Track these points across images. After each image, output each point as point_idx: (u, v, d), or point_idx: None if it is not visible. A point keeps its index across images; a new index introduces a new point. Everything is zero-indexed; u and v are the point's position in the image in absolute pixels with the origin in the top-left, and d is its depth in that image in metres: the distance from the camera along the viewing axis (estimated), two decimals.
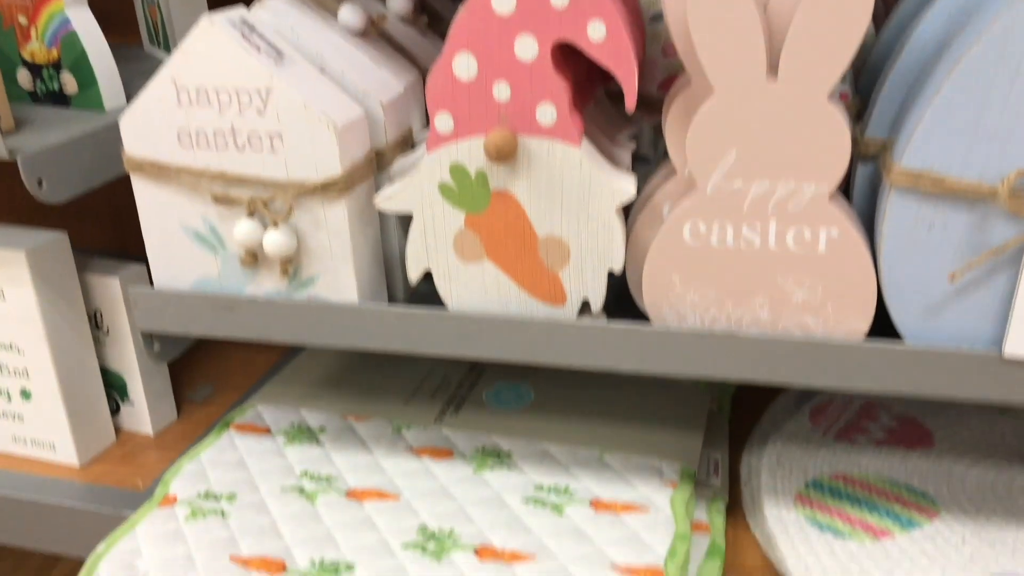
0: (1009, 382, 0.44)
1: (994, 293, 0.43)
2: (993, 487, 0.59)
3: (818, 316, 0.46)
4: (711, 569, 0.55)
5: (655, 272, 0.48)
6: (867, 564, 0.53)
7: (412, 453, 0.64)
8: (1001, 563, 0.53)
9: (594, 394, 0.71)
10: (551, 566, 0.53)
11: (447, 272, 0.50)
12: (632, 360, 0.49)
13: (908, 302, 0.45)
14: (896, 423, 0.67)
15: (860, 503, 0.58)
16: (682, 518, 0.57)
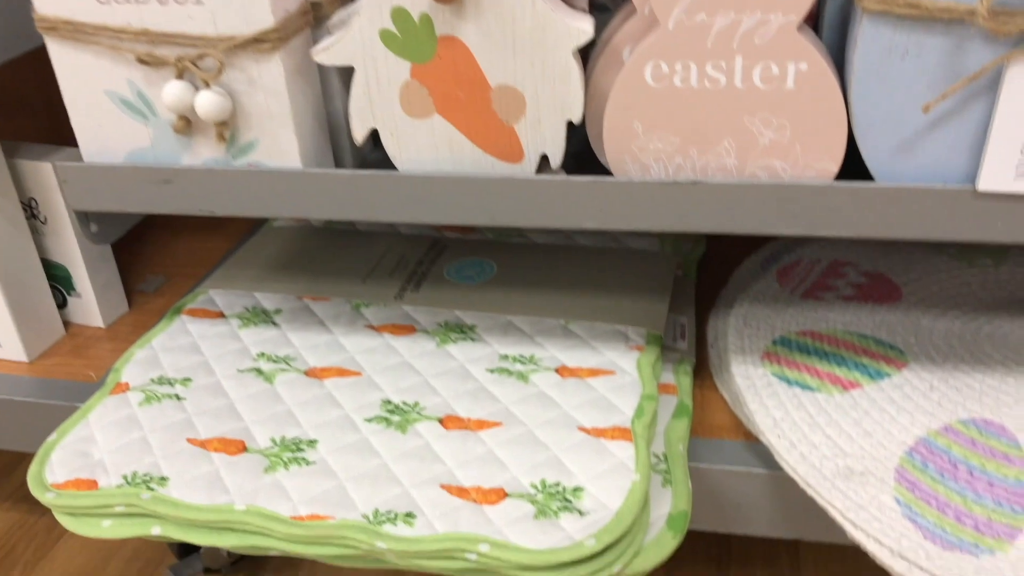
0: (983, 218, 0.42)
1: (969, 124, 0.41)
2: (960, 336, 0.59)
3: (786, 159, 0.44)
4: (678, 428, 0.55)
5: (616, 119, 0.45)
6: (836, 414, 0.53)
7: (372, 330, 0.62)
8: (968, 407, 0.53)
9: (558, 266, 0.69)
10: (518, 432, 0.52)
11: (395, 130, 0.47)
12: (595, 216, 0.47)
13: (879, 138, 0.42)
14: (864, 279, 0.66)
15: (828, 357, 0.57)
16: (649, 380, 0.56)
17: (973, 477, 0.48)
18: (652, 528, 0.48)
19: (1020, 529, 0.46)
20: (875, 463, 0.50)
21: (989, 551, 0.46)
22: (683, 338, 0.64)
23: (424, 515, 0.47)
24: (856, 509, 0.48)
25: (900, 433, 0.51)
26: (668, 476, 0.51)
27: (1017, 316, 0.60)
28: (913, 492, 0.48)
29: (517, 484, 0.49)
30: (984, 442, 0.50)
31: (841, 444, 0.51)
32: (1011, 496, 0.47)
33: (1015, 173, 0.41)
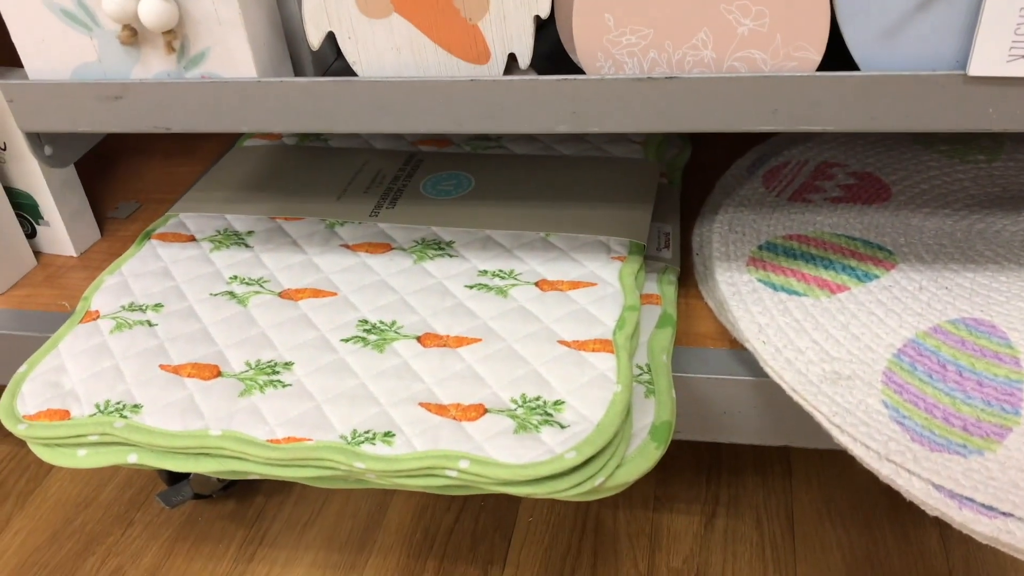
0: (975, 106, 0.40)
1: (958, 5, 0.39)
2: (951, 234, 0.57)
3: (766, 49, 0.41)
4: (662, 338, 0.53)
5: (586, 12, 0.42)
6: (822, 319, 0.52)
7: (347, 249, 0.61)
8: (958, 307, 0.51)
9: (538, 177, 0.67)
10: (498, 347, 0.51)
11: (352, 32, 0.44)
12: (567, 119, 0.44)
13: (863, 24, 0.40)
14: (853, 179, 0.64)
15: (815, 261, 0.56)
16: (631, 290, 0.54)
17: (963, 377, 0.47)
18: (635, 439, 0.47)
19: (1010, 428, 0.45)
20: (863, 367, 0.49)
21: (978, 451, 0.45)
22: (667, 247, 0.62)
23: (403, 434, 0.46)
24: (843, 414, 0.47)
25: (888, 335, 0.50)
26: (651, 387, 0.50)
27: (1010, 211, 0.58)
28: (901, 395, 0.47)
29: (497, 400, 0.48)
30: (974, 341, 0.49)
31: (828, 348, 0.50)
32: (1001, 395, 0.46)
33: (1008, 55, 0.38)
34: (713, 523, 0.72)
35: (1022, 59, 0.38)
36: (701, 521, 0.72)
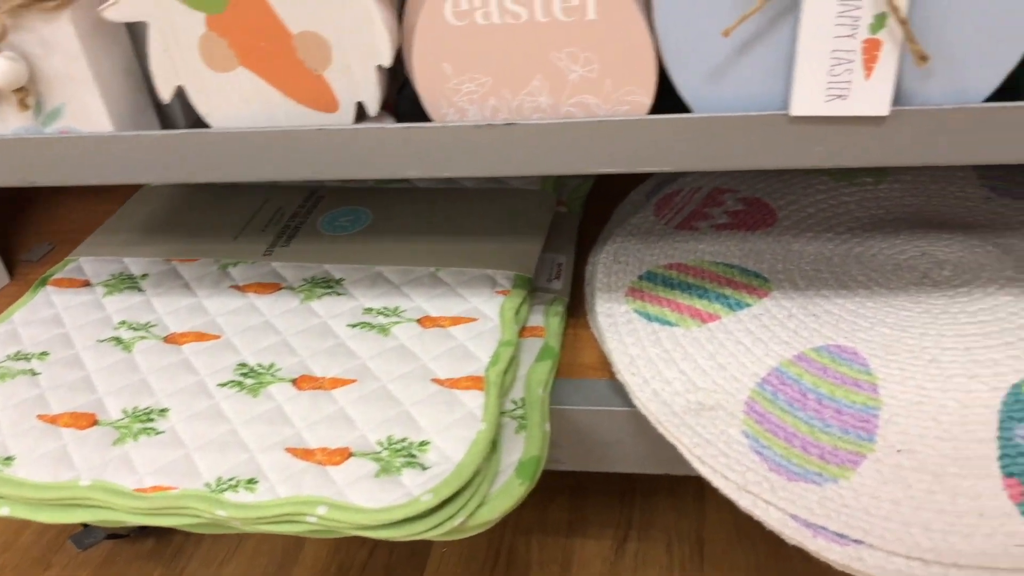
0: (801, 144, 0.41)
1: (779, 48, 0.39)
2: (829, 259, 0.58)
3: (598, 94, 0.42)
4: (540, 371, 0.54)
5: (424, 62, 0.43)
6: (692, 349, 0.52)
7: (237, 290, 0.61)
8: (824, 334, 0.52)
9: (435, 210, 0.68)
10: (372, 388, 0.51)
11: (201, 86, 0.45)
12: (416, 165, 0.45)
13: (690, 67, 0.41)
14: (742, 205, 0.65)
15: (691, 290, 0.56)
16: (509, 324, 0.55)
17: (822, 405, 0.48)
18: (502, 476, 0.48)
19: (864, 456, 0.46)
20: (727, 396, 0.49)
21: (833, 479, 0.45)
22: (558, 278, 0.63)
23: (267, 480, 0.47)
24: (704, 444, 0.48)
25: (754, 365, 0.51)
26: (523, 422, 0.51)
27: (889, 235, 0.59)
28: (761, 424, 0.48)
29: (364, 442, 0.48)
30: (835, 369, 0.50)
31: (695, 379, 0.51)
32: (857, 423, 0.47)
33: (825, 96, 0.39)
34: (624, 547, 0.72)
35: (839, 99, 0.39)
36: (612, 546, 0.72)
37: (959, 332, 0.50)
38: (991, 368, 0.48)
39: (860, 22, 0.37)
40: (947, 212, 0.61)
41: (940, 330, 0.51)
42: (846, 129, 0.40)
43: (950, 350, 0.49)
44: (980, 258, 0.56)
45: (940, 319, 0.51)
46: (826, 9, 0.37)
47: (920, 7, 0.37)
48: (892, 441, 0.46)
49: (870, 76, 0.38)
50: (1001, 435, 0.46)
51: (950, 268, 0.55)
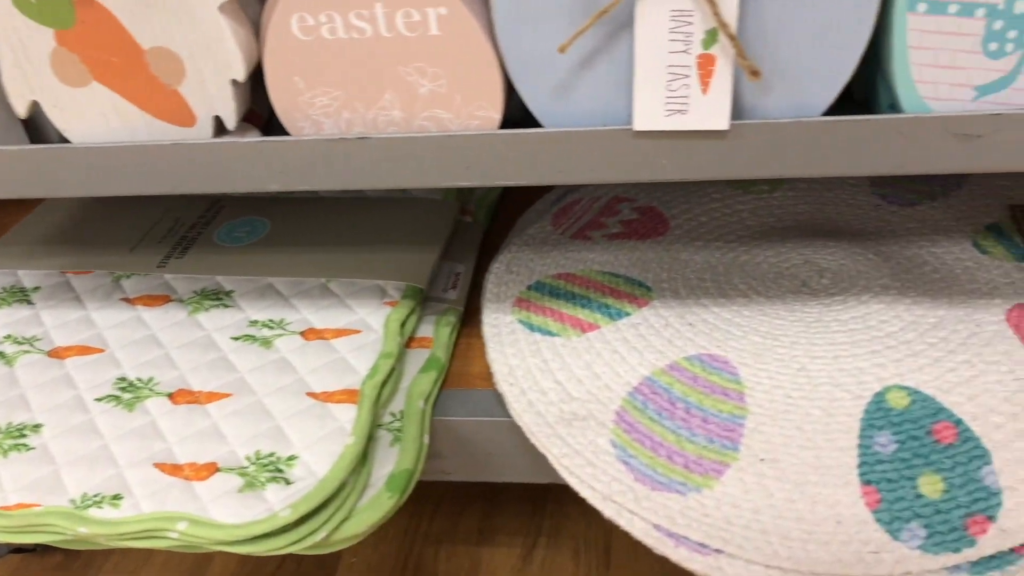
0: (647, 158, 0.41)
1: (620, 63, 0.40)
2: (715, 268, 0.58)
3: (449, 109, 0.42)
4: (423, 382, 0.54)
5: (276, 76, 0.43)
6: (570, 359, 0.52)
7: (126, 303, 0.60)
8: (698, 343, 0.52)
9: (334, 220, 0.67)
10: (247, 402, 0.51)
11: (55, 101, 0.44)
12: (277, 178, 0.45)
13: (535, 82, 0.41)
14: (637, 214, 0.65)
15: (575, 300, 0.57)
16: (392, 336, 0.55)
17: (690, 414, 0.48)
18: (371, 489, 0.48)
19: (728, 465, 0.46)
20: (599, 406, 0.50)
21: (696, 489, 0.46)
22: (455, 287, 0.63)
23: (133, 495, 0.46)
24: (572, 455, 0.48)
25: (627, 374, 0.51)
26: (399, 434, 0.51)
27: (776, 243, 0.60)
28: (629, 434, 0.48)
29: (232, 457, 0.48)
30: (706, 378, 0.50)
31: (570, 389, 0.51)
32: (723, 432, 0.47)
33: (665, 111, 0.39)
34: (532, 555, 0.72)
35: (679, 114, 0.40)
36: (521, 554, 0.73)
37: (829, 341, 0.51)
38: (856, 377, 0.49)
39: (693, 38, 0.38)
40: (838, 219, 0.62)
41: (811, 339, 0.51)
42: (689, 143, 0.40)
43: (819, 359, 0.50)
44: (860, 266, 0.56)
45: (812, 327, 0.52)
46: (659, 25, 0.37)
47: (752, 22, 0.38)
48: (756, 450, 0.47)
49: (707, 91, 0.39)
50: (861, 443, 0.46)
51: (829, 276, 0.56)
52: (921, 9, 0.37)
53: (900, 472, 0.45)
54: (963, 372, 0.48)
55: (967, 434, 0.46)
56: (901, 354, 0.49)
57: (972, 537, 0.43)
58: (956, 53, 0.38)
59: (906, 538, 0.43)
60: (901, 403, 0.47)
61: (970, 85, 0.38)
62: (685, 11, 0.37)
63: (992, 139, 0.39)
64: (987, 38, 0.37)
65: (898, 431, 0.46)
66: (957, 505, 0.44)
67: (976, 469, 0.44)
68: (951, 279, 0.55)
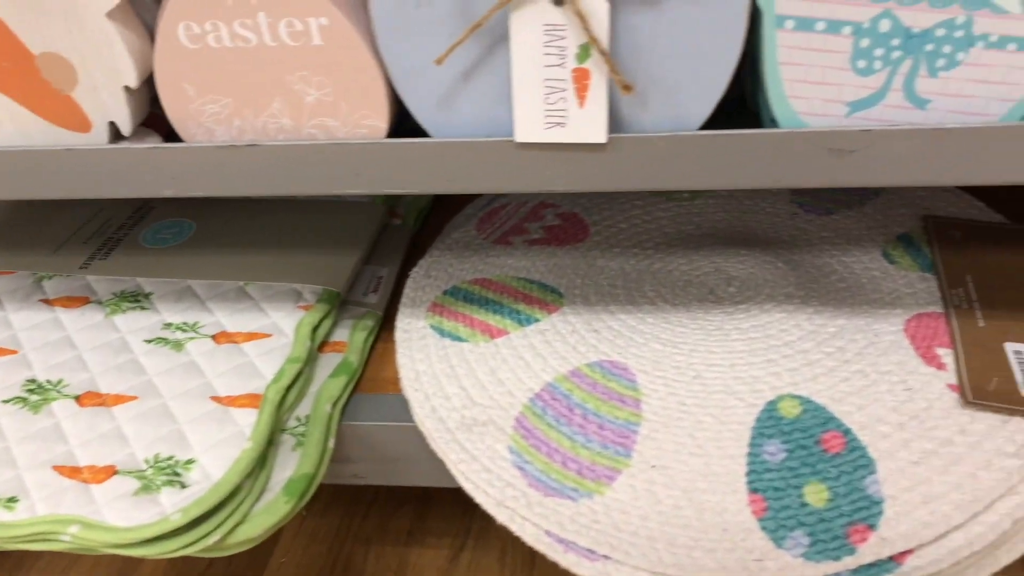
0: (534, 168, 0.42)
1: (500, 76, 0.40)
2: (628, 275, 0.59)
3: (336, 117, 0.42)
4: (333, 387, 0.54)
5: (166, 83, 0.43)
6: (476, 364, 0.53)
7: (45, 304, 0.61)
8: (601, 350, 0.53)
9: (260, 222, 0.68)
10: (152, 405, 0.51)
11: None
12: (171, 184, 0.45)
13: (420, 93, 0.41)
14: (559, 220, 0.65)
15: (488, 305, 0.57)
16: (302, 340, 0.55)
17: (587, 420, 0.49)
18: (269, 493, 0.48)
19: (620, 471, 0.47)
20: (500, 412, 0.50)
21: (588, 495, 0.46)
22: (376, 291, 0.63)
23: (29, 498, 0.46)
24: (468, 460, 0.48)
25: (530, 380, 0.51)
26: (303, 439, 0.51)
27: (690, 250, 0.60)
28: (527, 440, 0.49)
29: (131, 460, 0.48)
30: (605, 384, 0.51)
31: (473, 395, 0.51)
32: (617, 438, 0.48)
33: (544, 123, 0.40)
34: (459, 556, 0.73)
35: (558, 126, 0.40)
36: (448, 555, 0.73)
37: (727, 349, 0.51)
38: (750, 385, 0.49)
39: (567, 52, 0.38)
40: (755, 228, 0.63)
41: (710, 347, 0.52)
42: (570, 155, 0.41)
43: (715, 367, 0.51)
44: (767, 274, 0.57)
45: (713, 335, 0.53)
46: (533, 39, 0.38)
47: (625, 38, 0.38)
48: (648, 457, 0.47)
49: (584, 104, 0.39)
50: (751, 451, 0.47)
51: (737, 285, 0.56)
52: (789, 26, 0.37)
53: (787, 481, 0.45)
54: (856, 382, 0.49)
55: (854, 443, 0.46)
56: (797, 363, 0.50)
57: (853, 545, 0.43)
58: (826, 69, 0.38)
59: (789, 546, 0.44)
60: (792, 412, 0.48)
61: (842, 101, 0.39)
62: (558, 25, 0.37)
63: (865, 154, 0.39)
64: (855, 55, 0.38)
65: (787, 440, 0.47)
66: (840, 514, 0.44)
67: (861, 478, 0.45)
68: (856, 288, 0.55)
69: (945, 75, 0.38)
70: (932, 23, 0.37)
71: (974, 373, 0.48)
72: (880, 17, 0.37)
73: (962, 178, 0.39)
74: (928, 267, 0.56)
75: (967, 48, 0.37)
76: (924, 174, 0.39)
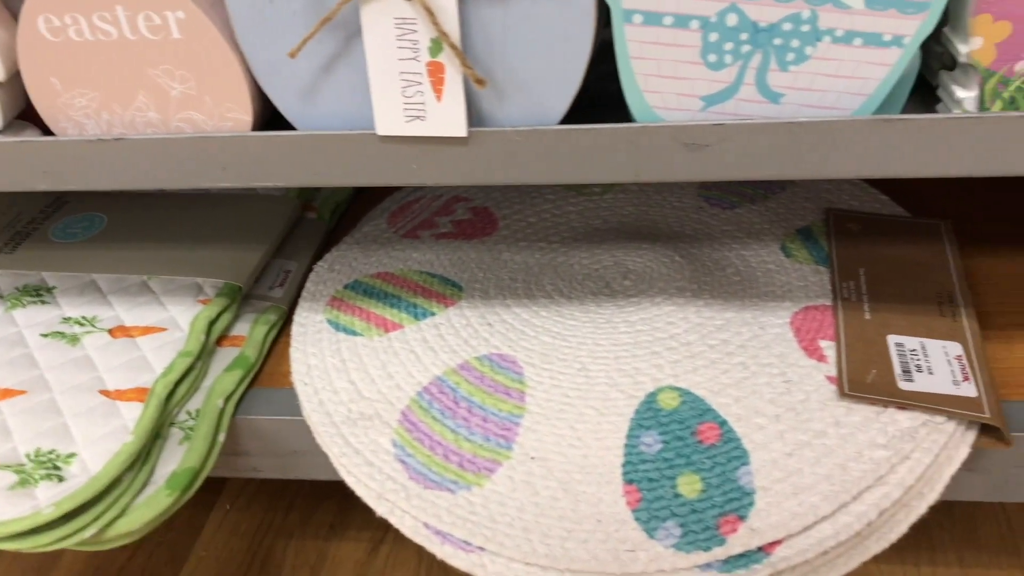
0: (398, 161, 0.42)
1: (359, 70, 0.40)
2: (529, 269, 0.59)
3: (202, 110, 0.42)
4: (227, 381, 0.54)
5: (32, 77, 0.43)
6: (368, 358, 0.53)
7: None
8: (492, 343, 0.53)
9: (172, 216, 0.67)
10: (40, 399, 0.51)
11: None
12: (43, 178, 0.45)
13: (282, 86, 0.41)
14: (470, 214, 0.66)
15: (387, 299, 0.57)
16: (196, 335, 0.55)
17: (471, 413, 0.49)
18: (152, 486, 0.48)
19: (500, 463, 0.47)
20: (386, 406, 0.50)
21: (467, 487, 0.46)
22: (282, 286, 0.63)
23: None
24: (351, 454, 0.48)
25: (419, 374, 0.52)
26: (191, 432, 0.51)
27: (593, 244, 0.61)
28: (411, 433, 0.49)
29: (13, 454, 0.48)
30: (492, 377, 0.51)
31: (362, 388, 0.51)
32: (500, 431, 0.48)
33: (404, 117, 0.40)
34: (378, 549, 0.73)
35: (418, 120, 0.40)
36: (367, 548, 0.73)
37: (614, 341, 0.52)
38: (632, 377, 0.50)
39: (420, 45, 0.38)
40: (660, 222, 0.63)
41: (597, 339, 0.52)
42: (432, 148, 0.41)
43: (601, 359, 0.51)
44: (664, 268, 0.57)
45: (601, 328, 0.53)
46: (385, 33, 0.38)
47: (478, 33, 0.38)
48: (528, 448, 0.48)
49: (441, 98, 0.39)
50: (628, 443, 0.47)
51: (633, 278, 0.57)
52: (637, 20, 0.37)
53: (662, 472, 0.46)
54: (736, 374, 0.49)
55: (730, 435, 0.47)
56: (680, 355, 0.50)
57: (723, 536, 0.44)
58: (678, 64, 0.38)
59: (661, 537, 0.44)
60: (671, 404, 0.48)
61: (695, 95, 0.39)
62: (408, 19, 0.37)
63: (719, 148, 0.39)
64: (705, 49, 0.38)
65: (665, 431, 0.47)
66: (712, 505, 0.45)
67: (734, 470, 0.45)
68: (751, 281, 0.56)
69: (796, 69, 0.38)
70: (778, 17, 0.37)
71: (853, 365, 0.49)
72: (727, 11, 0.37)
73: (818, 172, 0.40)
74: (824, 260, 0.57)
75: (814, 42, 0.37)
76: (780, 168, 0.40)
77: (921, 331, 0.50)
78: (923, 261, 0.56)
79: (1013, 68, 0.38)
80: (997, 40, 0.38)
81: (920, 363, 0.49)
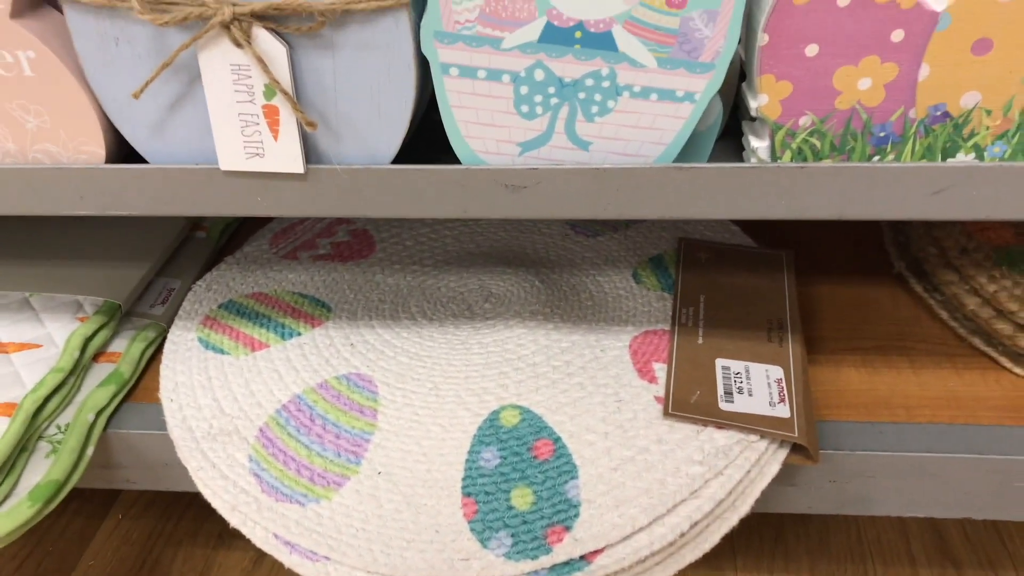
0: (240, 194, 0.45)
1: (202, 109, 0.43)
2: (399, 291, 0.62)
3: (57, 143, 0.45)
4: (99, 396, 0.56)
5: None
6: (233, 377, 0.56)
7: None
8: (352, 363, 0.56)
9: (58, 232, 0.69)
10: None
11: None
12: None
13: (131, 123, 0.44)
14: (349, 237, 0.69)
15: (257, 319, 0.60)
16: (70, 351, 0.57)
17: (325, 431, 0.52)
18: (14, 498, 0.50)
19: (348, 478, 0.50)
20: (246, 422, 0.53)
21: (316, 500, 0.49)
22: (164, 303, 0.65)
23: None
24: (208, 468, 0.51)
25: (280, 392, 0.54)
26: (59, 446, 0.53)
27: (463, 268, 0.64)
28: (267, 449, 0.52)
29: None
30: (348, 396, 0.54)
31: (224, 406, 0.54)
32: (350, 447, 0.51)
33: (244, 154, 0.43)
34: (264, 558, 0.75)
35: (257, 157, 0.43)
36: (254, 557, 0.75)
37: (467, 362, 0.55)
38: (479, 396, 0.53)
39: (255, 90, 0.41)
40: (528, 247, 0.67)
41: (451, 360, 0.55)
42: (275, 183, 0.44)
43: (452, 379, 0.54)
44: (522, 292, 0.61)
45: (456, 349, 0.56)
46: (222, 77, 0.41)
47: (311, 80, 0.41)
48: (376, 464, 0.51)
49: (278, 138, 0.42)
50: (469, 458, 0.50)
51: (493, 301, 0.60)
52: (454, 73, 0.41)
53: (498, 485, 0.49)
54: (573, 393, 0.53)
55: (562, 451, 0.50)
56: (525, 376, 0.54)
57: (549, 546, 0.47)
58: (494, 113, 0.42)
59: (494, 546, 0.47)
60: (512, 421, 0.52)
61: (513, 141, 0.43)
62: (243, 65, 0.40)
63: (535, 189, 0.43)
64: (517, 101, 0.41)
65: (503, 447, 0.51)
66: (541, 516, 0.48)
67: (563, 483, 0.49)
68: (601, 306, 0.60)
69: (601, 120, 0.42)
70: (581, 74, 0.41)
71: (680, 386, 0.53)
72: (534, 67, 0.40)
73: (624, 213, 0.43)
74: (670, 287, 0.61)
75: (616, 96, 0.41)
76: (590, 209, 0.43)
77: (747, 355, 0.55)
78: (760, 289, 0.60)
79: (798, 122, 0.42)
80: (781, 97, 0.42)
81: (742, 385, 0.53)
